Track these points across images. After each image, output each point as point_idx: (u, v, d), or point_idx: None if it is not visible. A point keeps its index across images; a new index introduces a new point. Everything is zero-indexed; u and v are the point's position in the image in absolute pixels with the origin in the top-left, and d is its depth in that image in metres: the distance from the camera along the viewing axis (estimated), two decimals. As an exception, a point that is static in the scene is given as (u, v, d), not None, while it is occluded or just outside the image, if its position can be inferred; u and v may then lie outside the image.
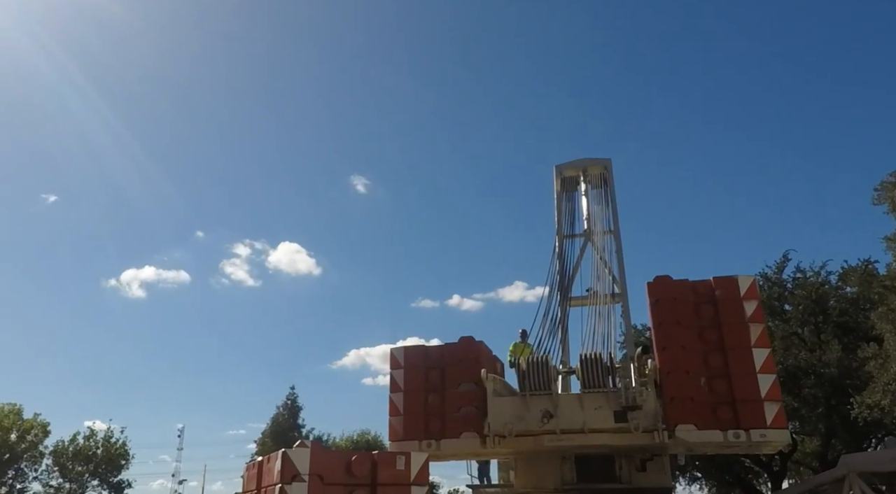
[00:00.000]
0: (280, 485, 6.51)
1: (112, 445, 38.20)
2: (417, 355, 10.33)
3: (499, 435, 9.21)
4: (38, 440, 35.97)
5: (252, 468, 7.92)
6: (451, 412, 9.65)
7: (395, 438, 9.84)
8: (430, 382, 10.00)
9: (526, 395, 9.40)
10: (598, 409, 9.06)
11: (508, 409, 9.37)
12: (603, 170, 14.15)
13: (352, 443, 42.82)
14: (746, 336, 9.11)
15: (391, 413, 10.02)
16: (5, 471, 34.42)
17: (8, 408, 35.53)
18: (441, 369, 10.07)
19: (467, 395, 9.66)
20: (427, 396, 9.91)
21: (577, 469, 9.83)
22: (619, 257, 12.96)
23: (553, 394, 9.37)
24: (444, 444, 9.52)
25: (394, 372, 10.26)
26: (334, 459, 7.06)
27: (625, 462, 9.73)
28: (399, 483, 7.04)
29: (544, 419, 9.06)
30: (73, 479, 36.75)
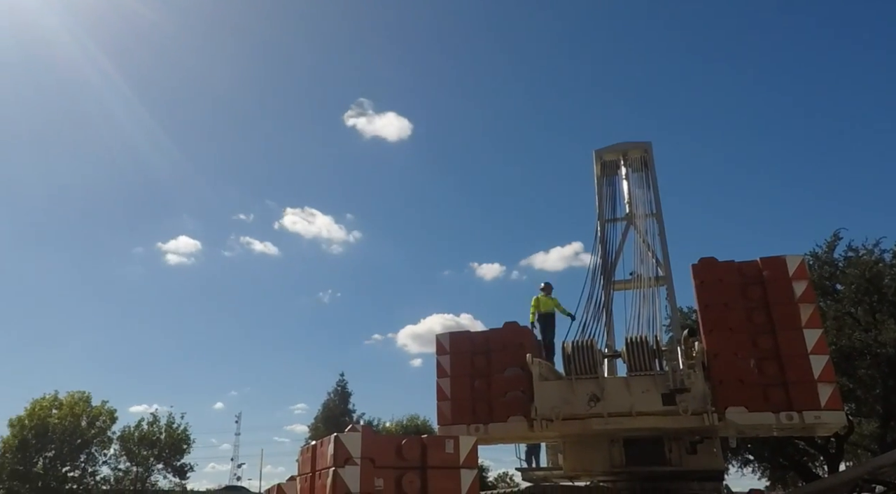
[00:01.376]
0: (333, 468, 6.78)
1: (174, 430, 40.02)
2: (463, 341, 10.48)
3: (546, 419, 9.31)
4: (106, 426, 37.95)
5: (306, 452, 8.24)
6: (498, 396, 9.79)
7: (444, 422, 10.03)
8: (476, 367, 10.15)
9: (572, 379, 9.48)
10: (645, 392, 9.07)
11: (555, 393, 9.48)
12: (643, 153, 13.99)
13: (401, 428, 43.66)
14: (797, 316, 8.95)
15: (439, 397, 10.18)
16: (77, 456, 36.49)
17: (78, 396, 37.57)
18: (487, 354, 10.21)
19: (513, 380, 9.79)
20: (473, 381, 10.05)
21: (625, 453, 9.86)
22: (662, 240, 12.85)
23: (599, 378, 9.42)
24: (491, 428, 9.67)
25: (440, 358, 10.43)
26: (385, 443, 7.30)
27: (674, 445, 9.72)
28: (449, 466, 7.23)
29: (591, 402, 9.13)
30: (139, 463, 38.72)
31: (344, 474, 6.71)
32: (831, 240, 21.86)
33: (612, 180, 14.38)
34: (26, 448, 34.77)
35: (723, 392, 8.79)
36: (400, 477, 6.93)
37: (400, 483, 6.90)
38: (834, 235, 21.89)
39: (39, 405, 36.43)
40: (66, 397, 37.30)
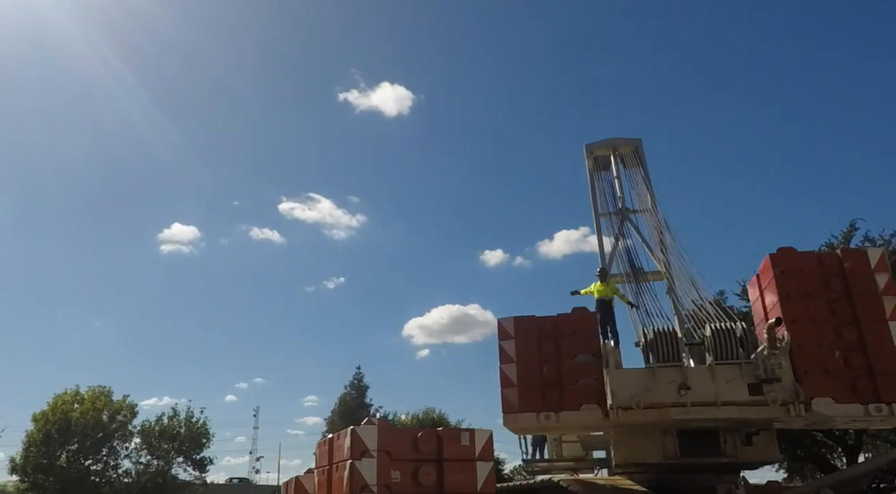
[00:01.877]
0: (350, 461, 6.88)
1: (193, 424, 40.56)
2: (528, 325, 10.10)
3: (624, 408, 9.13)
4: (126, 420, 38.56)
5: (323, 444, 8.35)
6: (569, 383, 9.54)
7: (510, 410, 9.63)
8: (543, 353, 9.81)
9: (654, 367, 9.34)
10: (730, 381, 8.95)
11: (635, 381, 9.30)
12: (634, 149, 14.11)
13: (417, 421, 43.88)
14: (881, 309, 8.96)
15: (503, 384, 9.80)
16: (100, 449, 37.13)
17: (99, 391, 38.19)
18: (555, 340, 9.89)
19: (585, 367, 9.57)
20: (542, 367, 9.72)
21: (679, 444, 9.64)
22: (657, 234, 12.92)
23: (683, 366, 9.31)
24: (563, 416, 9.39)
25: (503, 343, 10.01)
26: (401, 436, 7.39)
27: (729, 436, 9.55)
28: (464, 459, 7.31)
29: (682, 391, 8.97)
30: (160, 456, 39.30)
31: (361, 466, 6.80)
32: (847, 230, 21.57)
33: (606, 175, 14.48)
34: (50, 442, 35.45)
35: (808, 382, 8.74)
36: (416, 470, 7.02)
37: (416, 475, 6.98)
38: (850, 226, 21.60)
39: (62, 400, 37.10)
40: (87, 392, 37.96)
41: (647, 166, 13.92)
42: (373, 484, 6.75)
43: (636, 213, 13.55)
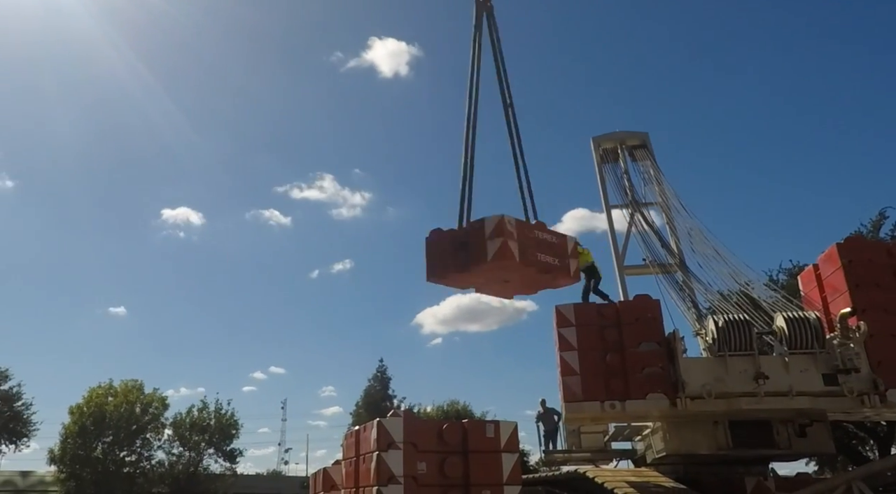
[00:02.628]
0: (377, 452, 6.97)
1: (222, 416, 41.35)
2: (589, 313, 9.97)
3: (695, 397, 9.04)
4: (158, 412, 39.48)
5: (350, 436, 8.46)
6: (634, 372, 9.35)
7: (573, 398, 9.49)
8: (606, 341, 9.63)
9: (725, 356, 9.23)
10: (804, 371, 8.90)
11: (705, 370, 9.22)
12: (641, 143, 14.10)
13: (442, 413, 44.11)
14: None
15: (564, 372, 9.60)
16: (133, 441, 38.07)
17: (131, 384, 39.15)
18: (617, 327, 9.70)
19: (650, 355, 9.42)
20: (606, 356, 9.52)
21: (732, 435, 9.55)
22: (671, 227, 12.81)
23: (755, 356, 9.20)
24: (628, 405, 9.27)
25: (563, 330, 9.86)
26: (426, 428, 7.45)
27: (782, 428, 9.46)
28: (489, 451, 7.34)
29: (759, 381, 8.90)
30: (191, 448, 40.17)
31: (387, 458, 6.88)
32: (877, 219, 21.13)
33: (614, 167, 14.45)
34: (86, 435, 36.45)
35: (883, 373, 8.65)
36: (442, 461, 7.07)
37: (442, 466, 7.04)
38: (879, 214, 21.16)
39: (96, 393, 38.09)
40: (120, 385, 38.92)
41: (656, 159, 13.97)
42: (399, 476, 6.82)
43: (648, 205, 13.49)
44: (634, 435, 12.65)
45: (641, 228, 12.70)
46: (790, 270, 22.53)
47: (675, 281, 12.10)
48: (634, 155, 14.25)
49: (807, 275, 10.90)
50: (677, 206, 12.99)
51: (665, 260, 12.21)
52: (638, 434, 12.45)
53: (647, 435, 11.71)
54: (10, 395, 33.58)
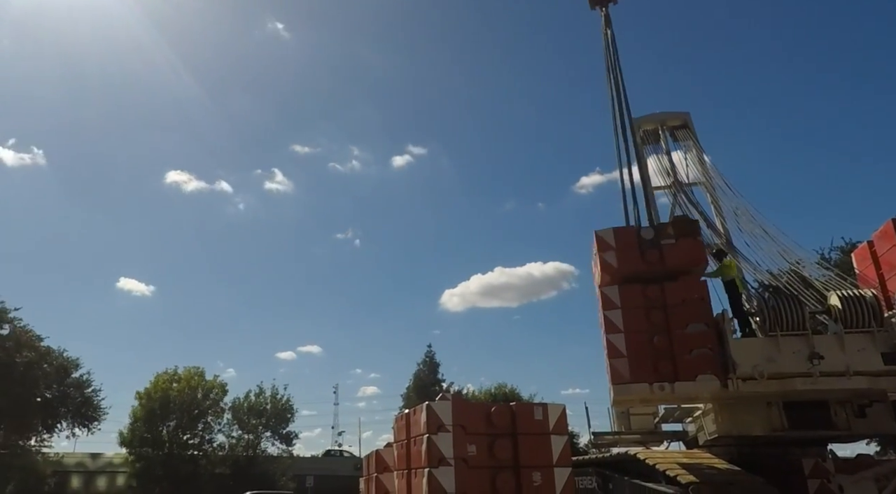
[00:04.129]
0: (427, 435, 7.13)
1: (278, 401, 42.82)
2: (635, 295, 9.81)
3: (747, 378, 8.92)
4: (218, 397, 41.20)
5: (400, 419, 8.66)
6: (682, 354, 9.23)
7: (620, 380, 9.39)
8: (653, 323, 9.51)
9: (777, 336, 9.10)
10: (861, 351, 8.68)
11: (757, 351, 9.09)
12: (682, 123, 13.70)
13: (490, 396, 44.43)
14: None
15: (611, 355, 9.51)
16: (196, 425, 39.87)
17: (193, 370, 40.94)
18: (663, 309, 9.57)
19: (699, 336, 9.26)
20: (653, 337, 9.40)
21: (786, 416, 9.39)
22: (716, 208, 12.47)
23: (808, 336, 9.02)
24: (678, 387, 9.13)
25: (609, 313, 9.81)
26: (475, 410, 7.56)
27: (840, 408, 9.27)
28: (538, 433, 7.41)
29: (814, 361, 8.72)
30: (249, 431, 41.81)
31: (437, 440, 7.04)
32: None
33: (655, 149, 14.11)
34: (152, 418, 38.37)
35: None
36: (491, 443, 7.19)
37: (492, 448, 7.15)
38: None
39: (161, 379, 39.99)
40: (183, 371, 40.75)
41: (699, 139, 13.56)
42: (450, 457, 6.96)
43: (691, 186, 13.18)
44: (685, 417, 12.50)
45: (686, 209, 12.42)
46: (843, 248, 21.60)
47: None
48: (676, 135, 13.96)
49: (861, 253, 10.48)
50: (722, 186, 12.66)
51: (711, 241, 11.94)
52: (689, 415, 12.30)
53: (699, 417, 11.55)
54: (82, 382, 35.53)
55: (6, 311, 31.98)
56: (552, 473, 7.22)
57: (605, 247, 10.03)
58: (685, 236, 9.93)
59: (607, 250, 9.99)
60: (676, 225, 10.28)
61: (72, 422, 35.23)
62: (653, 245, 9.84)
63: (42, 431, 35.22)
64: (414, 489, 7.44)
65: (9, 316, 32.08)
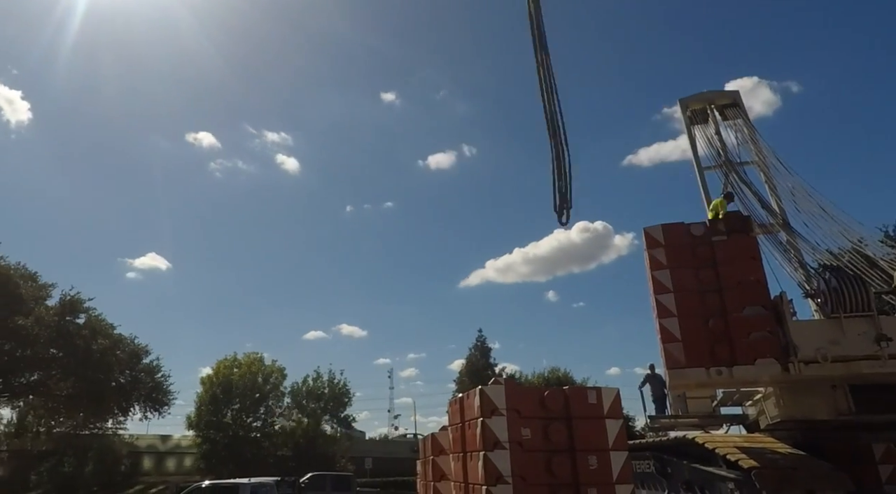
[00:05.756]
0: (481, 419, 7.21)
1: (335, 385, 44.01)
2: (687, 277, 9.62)
3: (809, 361, 8.70)
4: (278, 382, 42.66)
5: (454, 404, 8.77)
6: (740, 337, 9.07)
7: (676, 365, 9.25)
8: (707, 306, 9.34)
9: (840, 318, 8.83)
10: None
11: (819, 333, 8.87)
12: (731, 102, 13.31)
13: (543, 380, 44.37)
14: None
15: (665, 339, 9.42)
16: (258, 408, 41.47)
17: (253, 356, 42.51)
18: (718, 292, 9.39)
19: (757, 319, 9.07)
20: (708, 321, 9.25)
21: (853, 399, 9.08)
22: (770, 186, 11.97)
23: (874, 317, 8.73)
24: (736, 371, 8.96)
25: (660, 297, 9.62)
26: (528, 394, 7.57)
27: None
28: (593, 417, 7.37)
29: (882, 343, 8.46)
30: (308, 414, 43.16)
31: (492, 424, 7.10)
32: None
33: (703, 129, 13.76)
34: (216, 402, 40.10)
35: None
36: (546, 427, 7.19)
37: (546, 432, 7.16)
38: None
39: (223, 364, 41.69)
40: (243, 357, 42.34)
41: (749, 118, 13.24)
42: (504, 441, 7.01)
43: (743, 165, 12.75)
44: (744, 400, 12.18)
45: (738, 189, 12.00)
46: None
47: (779, 242, 11.43)
48: (725, 114, 13.56)
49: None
50: (776, 164, 12.18)
51: (766, 221, 11.52)
52: (748, 398, 11.97)
53: (759, 400, 11.23)
54: (152, 368, 37.37)
55: (81, 301, 33.86)
56: (608, 457, 7.17)
57: (654, 244, 9.93)
58: (737, 232, 9.72)
59: (656, 247, 9.88)
60: (728, 220, 10.03)
61: (144, 406, 37.14)
62: (703, 242, 9.67)
63: (117, 414, 37.29)
64: (470, 471, 7.54)
65: (83, 306, 33.95)
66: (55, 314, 32.53)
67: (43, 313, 31.89)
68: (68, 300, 33.36)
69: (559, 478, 6.94)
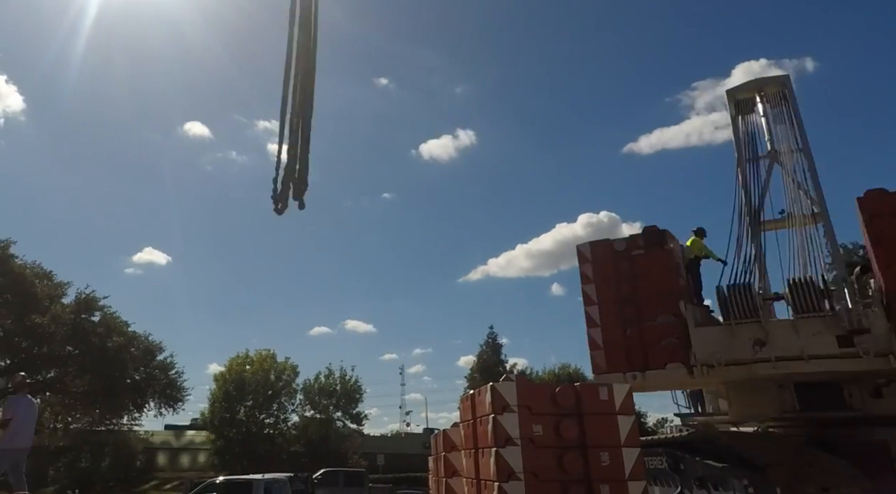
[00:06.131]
0: (493, 415, 7.21)
1: (347, 382, 44.20)
2: (610, 290, 10.42)
3: (706, 365, 9.21)
4: (290, 379, 42.96)
5: (465, 400, 8.78)
6: (653, 344, 9.78)
7: (599, 371, 10.14)
8: (625, 317, 10.12)
9: (731, 324, 9.24)
10: (816, 335, 8.67)
11: (715, 339, 9.35)
12: (781, 88, 12.96)
13: (554, 376, 44.32)
14: None
15: (591, 347, 10.27)
16: (271, 405, 41.77)
17: (265, 353, 42.81)
18: (635, 303, 10.13)
19: (667, 327, 9.72)
20: (625, 330, 10.08)
21: (798, 398, 9.48)
22: (812, 175, 11.80)
23: (763, 322, 9.10)
24: (649, 375, 9.69)
25: (588, 309, 10.44)
26: (539, 391, 7.55)
27: (854, 389, 9.20)
28: (604, 413, 7.35)
29: (755, 347, 8.90)
30: (321, 411, 43.41)
31: (503, 420, 7.10)
32: None
33: (750, 119, 13.49)
34: (230, 399, 40.45)
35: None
36: (557, 423, 7.17)
37: (557, 428, 7.14)
38: None
39: (235, 361, 42.02)
40: (255, 354, 42.66)
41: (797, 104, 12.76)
42: (516, 437, 7.01)
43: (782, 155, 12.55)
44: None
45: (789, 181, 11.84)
46: None
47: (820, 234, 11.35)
48: (773, 102, 13.24)
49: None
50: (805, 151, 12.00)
51: (809, 212, 11.42)
52: None
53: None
54: (166, 364, 37.73)
55: (96, 299, 34.26)
56: (620, 453, 7.14)
57: (584, 260, 10.74)
58: (654, 245, 10.37)
59: (585, 263, 10.67)
60: (646, 235, 10.61)
61: (158, 402, 37.55)
62: (624, 256, 10.38)
63: (132, 410, 37.73)
64: (482, 468, 7.55)
65: (98, 304, 34.35)
66: (71, 312, 32.95)
67: (59, 311, 32.31)
68: (83, 298, 33.76)
69: (571, 475, 6.92)
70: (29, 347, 31.99)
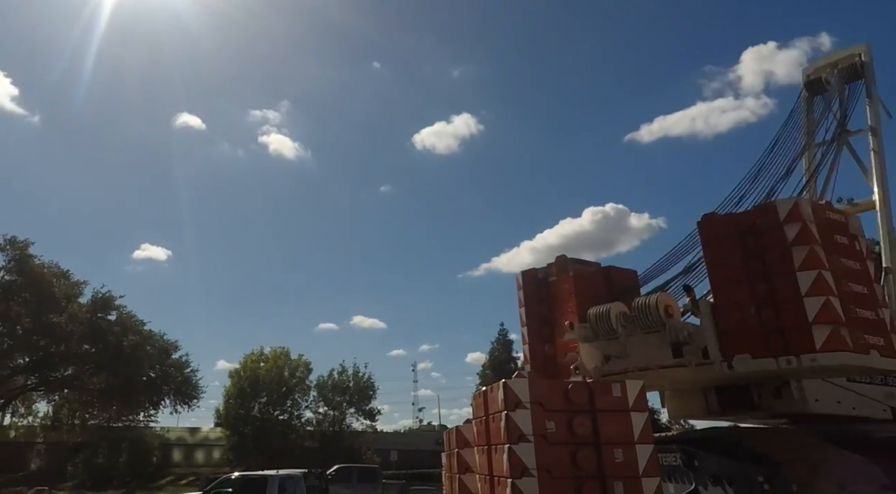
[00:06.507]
0: (506, 412, 7.22)
1: (360, 378, 44.36)
2: (534, 312, 11.29)
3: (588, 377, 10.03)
4: (304, 376, 43.22)
5: (478, 396, 8.81)
6: (561, 358, 10.76)
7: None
8: (544, 335, 11.12)
9: (598, 341, 10.23)
10: (659, 348, 9.44)
11: (594, 354, 10.20)
12: (858, 59, 12.57)
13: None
14: (789, 260, 8.60)
15: (525, 361, 11.47)
16: (285, 401, 42.07)
17: (279, 351, 43.09)
18: (550, 324, 11.02)
19: (572, 343, 10.52)
20: (545, 345, 11.16)
21: (719, 400, 10.25)
22: (878, 158, 11.57)
23: (621, 339, 9.86)
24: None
25: (522, 329, 11.50)
26: (552, 388, 7.56)
27: (760, 390, 9.79)
28: (618, 410, 7.34)
29: (605, 359, 9.97)
30: (334, 407, 43.64)
31: (516, 417, 7.11)
32: None
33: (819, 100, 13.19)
34: (244, 396, 40.77)
35: (728, 341, 8.92)
36: (570, 420, 7.18)
37: (570, 425, 7.15)
38: None
39: (250, 359, 42.34)
40: (269, 352, 42.95)
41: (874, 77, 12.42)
42: (529, 434, 7.02)
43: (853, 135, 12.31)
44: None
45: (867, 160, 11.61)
46: None
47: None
48: (849, 78, 12.96)
49: None
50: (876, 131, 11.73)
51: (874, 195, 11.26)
52: None
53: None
54: (181, 363, 38.13)
55: (112, 298, 34.67)
56: (634, 450, 7.14)
57: (518, 285, 11.70)
58: (562, 273, 11.27)
59: (519, 289, 11.63)
60: (557, 263, 11.52)
61: (174, 400, 37.94)
62: (544, 282, 11.30)
63: (148, 407, 38.16)
64: (495, 464, 7.57)
65: (115, 304, 34.75)
66: (87, 311, 33.38)
67: (76, 310, 32.74)
68: (100, 298, 34.19)
69: (584, 471, 6.93)
70: (47, 345, 32.46)
